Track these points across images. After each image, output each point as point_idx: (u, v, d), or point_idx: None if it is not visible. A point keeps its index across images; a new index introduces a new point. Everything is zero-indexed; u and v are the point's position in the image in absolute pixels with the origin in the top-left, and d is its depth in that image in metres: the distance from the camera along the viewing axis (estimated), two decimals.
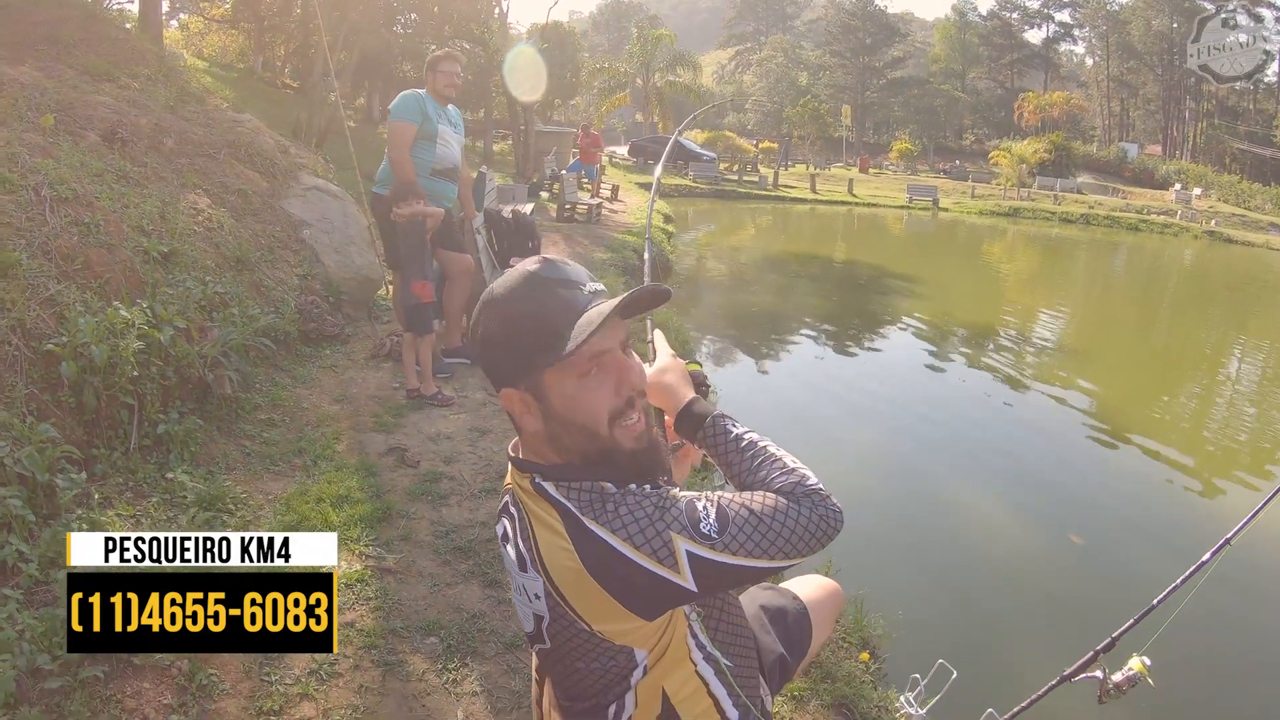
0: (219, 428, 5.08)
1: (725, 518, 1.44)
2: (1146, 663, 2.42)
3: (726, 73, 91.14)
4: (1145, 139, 68.65)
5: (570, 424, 1.52)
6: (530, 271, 1.53)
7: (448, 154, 6.46)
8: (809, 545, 1.47)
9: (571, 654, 1.56)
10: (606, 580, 1.43)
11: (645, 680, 1.58)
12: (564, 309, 1.49)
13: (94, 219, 5.22)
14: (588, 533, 1.44)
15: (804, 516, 1.47)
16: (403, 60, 29.05)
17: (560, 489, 1.50)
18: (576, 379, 1.50)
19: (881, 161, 60.87)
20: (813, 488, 1.51)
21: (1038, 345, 14.33)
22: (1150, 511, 7.34)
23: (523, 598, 1.62)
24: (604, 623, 1.49)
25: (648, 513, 1.44)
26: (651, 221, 2.43)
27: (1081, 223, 40.43)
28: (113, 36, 9.20)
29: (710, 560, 1.41)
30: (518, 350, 1.50)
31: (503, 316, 1.51)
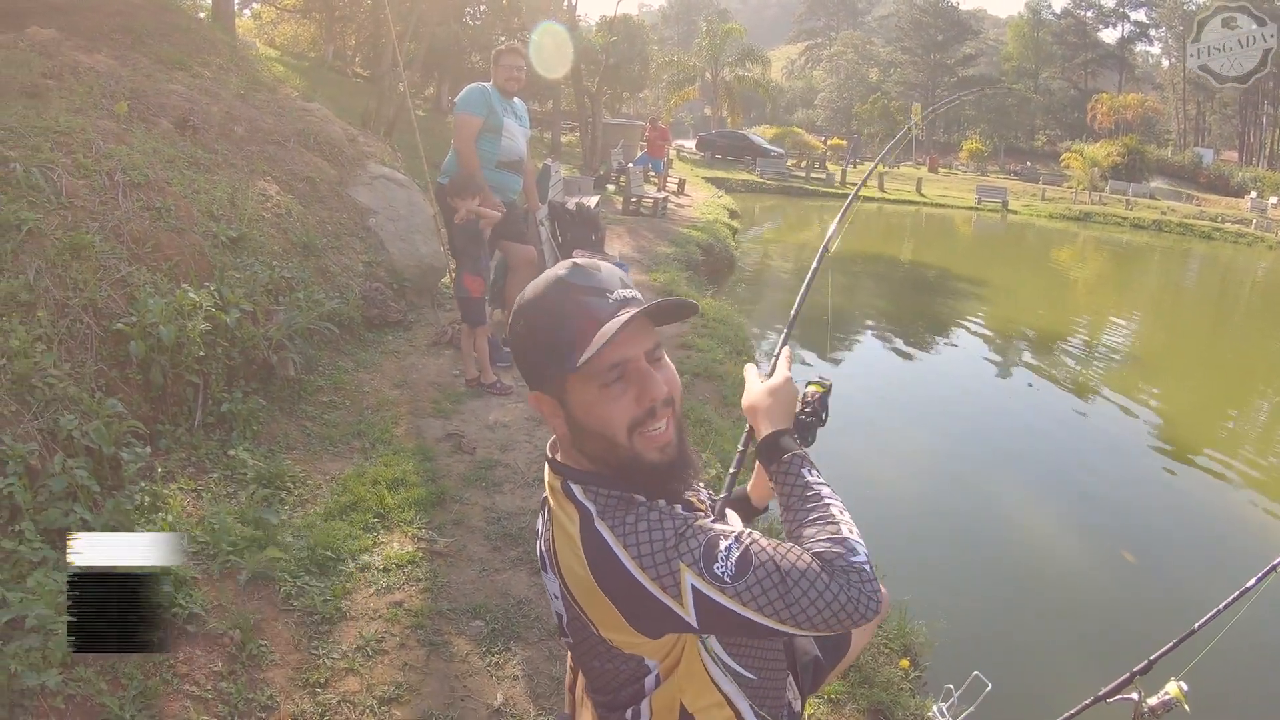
0: (281, 408, 5.21)
1: (747, 564, 1.39)
2: (1184, 688, 2.36)
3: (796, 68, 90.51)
4: (1221, 144, 66.80)
5: (590, 432, 1.50)
6: (558, 276, 1.51)
7: (512, 146, 6.52)
8: (828, 622, 1.38)
9: (589, 652, 1.58)
10: (611, 591, 1.43)
11: (660, 691, 1.58)
12: (584, 317, 1.46)
13: (165, 204, 5.37)
14: (597, 538, 1.44)
15: (831, 592, 1.37)
16: (472, 51, 29.29)
17: (587, 493, 1.50)
18: (598, 388, 1.48)
19: (951, 161, 60.08)
20: (855, 564, 1.41)
21: (1104, 354, 14.06)
22: (1207, 532, 7.16)
23: (548, 595, 1.65)
24: (611, 631, 1.49)
25: (664, 535, 1.42)
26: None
27: (1153, 229, 39.48)
28: (186, 26, 9.41)
29: (716, 602, 1.38)
30: (540, 356, 1.50)
31: (527, 321, 1.51)
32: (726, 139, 46.97)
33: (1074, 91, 73.47)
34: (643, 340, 1.50)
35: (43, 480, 3.38)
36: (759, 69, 50.99)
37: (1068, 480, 7.91)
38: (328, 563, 3.72)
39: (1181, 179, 55.57)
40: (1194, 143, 65.86)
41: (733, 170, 40.81)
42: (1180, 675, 2.40)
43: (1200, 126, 69.24)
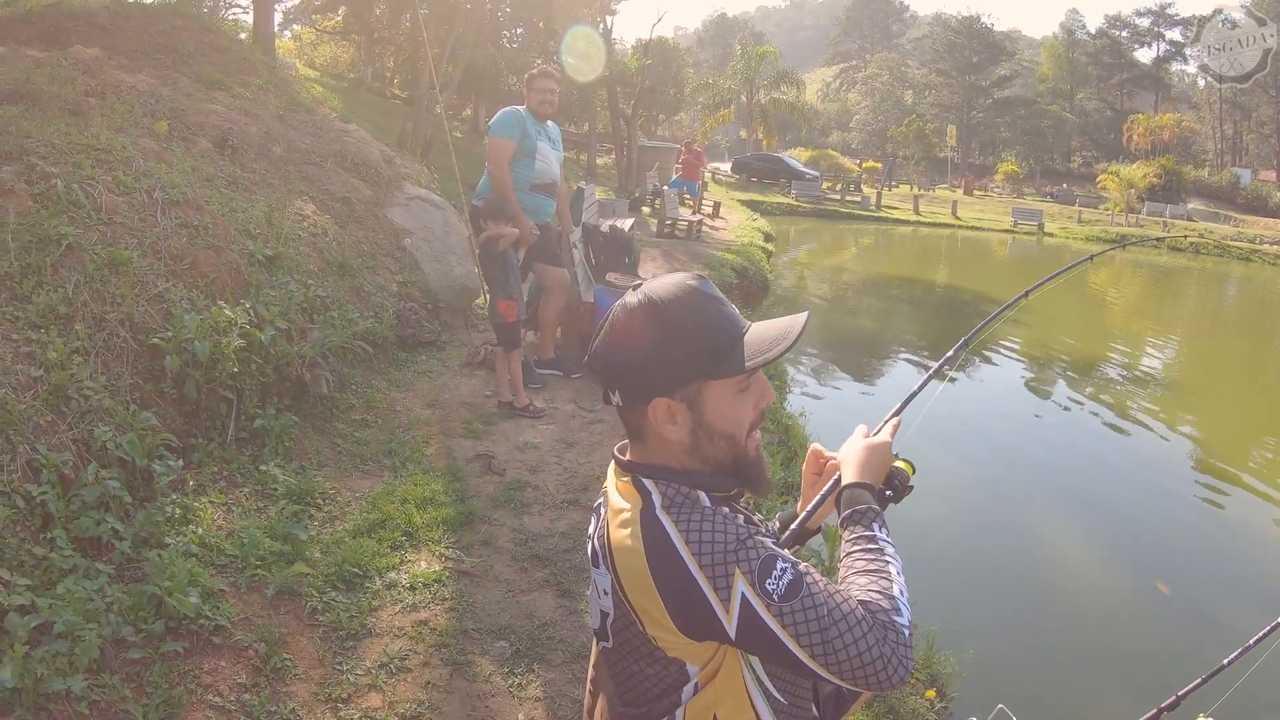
0: (313, 425, 5.25)
1: (798, 590, 1.40)
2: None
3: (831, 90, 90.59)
4: (1259, 164, 65.95)
5: (718, 433, 1.54)
6: (693, 285, 1.55)
7: (546, 169, 6.57)
8: (854, 673, 1.38)
9: (630, 654, 1.58)
10: (663, 582, 1.43)
11: (696, 700, 1.57)
12: (733, 324, 1.53)
13: (203, 221, 5.46)
14: (658, 525, 1.45)
15: (867, 642, 1.38)
16: (509, 73, 29.54)
17: (657, 485, 1.52)
18: (735, 393, 1.53)
19: (987, 184, 59.78)
20: (898, 624, 1.42)
21: (1141, 379, 13.89)
22: (1245, 564, 7.01)
23: (595, 593, 1.65)
24: (656, 629, 1.49)
25: (725, 539, 1.43)
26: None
27: (1191, 251, 39.08)
28: (226, 47, 9.57)
29: (759, 616, 1.39)
30: (686, 360, 1.51)
31: (670, 326, 1.51)
32: (761, 162, 47.10)
33: (1110, 112, 72.99)
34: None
35: (75, 490, 3.43)
36: (794, 92, 51.01)
37: (1103, 508, 7.78)
38: (354, 579, 3.74)
39: (1219, 200, 55.01)
40: (1231, 163, 65.19)
41: (768, 193, 40.96)
42: (1209, 712, 2.35)
43: (1238, 146, 68.54)
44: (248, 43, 11.57)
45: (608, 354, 1.58)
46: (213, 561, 3.56)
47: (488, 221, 6.01)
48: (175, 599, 3.06)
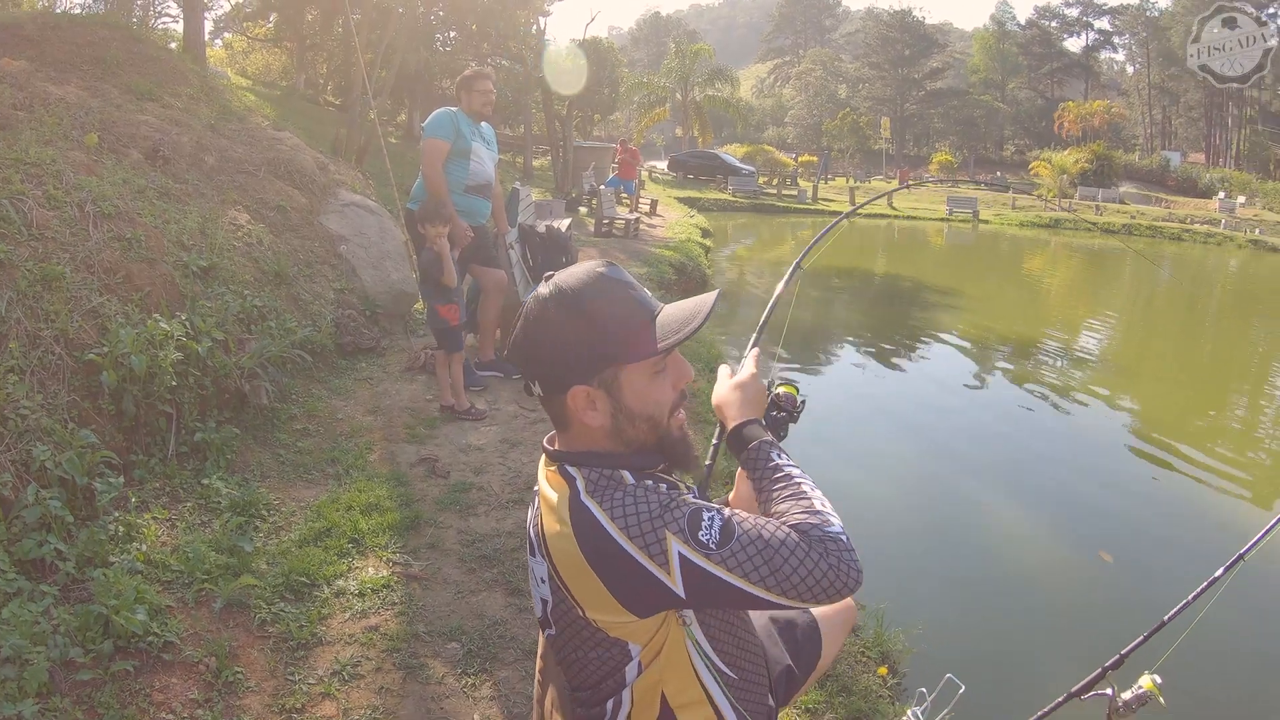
0: (254, 437, 5.21)
1: (730, 533, 1.43)
2: (1157, 681, 2.37)
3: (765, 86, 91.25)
4: (1188, 147, 67.89)
5: (638, 416, 1.58)
6: (602, 272, 1.59)
7: (481, 170, 6.57)
8: (811, 591, 1.41)
9: (573, 640, 1.61)
10: (599, 566, 1.46)
11: (642, 680, 1.60)
12: (644, 308, 1.58)
13: (136, 234, 5.38)
14: (585, 511, 1.48)
15: (812, 559, 1.41)
16: (442, 77, 29.35)
17: (580, 471, 1.56)
18: (650, 375, 1.57)
19: (921, 174, 60.54)
20: (832, 534, 1.45)
21: (1079, 358, 14.18)
22: (1186, 528, 7.22)
23: (534, 581, 1.69)
24: (597, 612, 1.52)
25: (650, 507, 1.46)
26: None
27: (1123, 233, 39.93)
28: (156, 57, 9.40)
29: (702, 569, 1.41)
30: (598, 346, 1.55)
31: (581, 314, 1.54)
32: (698, 159, 47.37)
33: (1040, 101, 74.51)
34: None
35: (16, 511, 3.38)
36: (728, 88, 51.28)
37: (1044, 483, 7.98)
38: (303, 589, 3.73)
39: (1150, 183, 56.37)
40: (1161, 146, 66.99)
41: (705, 189, 41.15)
42: (1153, 668, 2.41)
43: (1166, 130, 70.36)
44: (178, 52, 11.39)
45: (524, 346, 1.61)
46: (158, 578, 3.52)
47: (424, 225, 5.98)
48: (123, 617, 3.03)
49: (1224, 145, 66.56)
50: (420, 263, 6.23)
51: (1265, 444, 10.38)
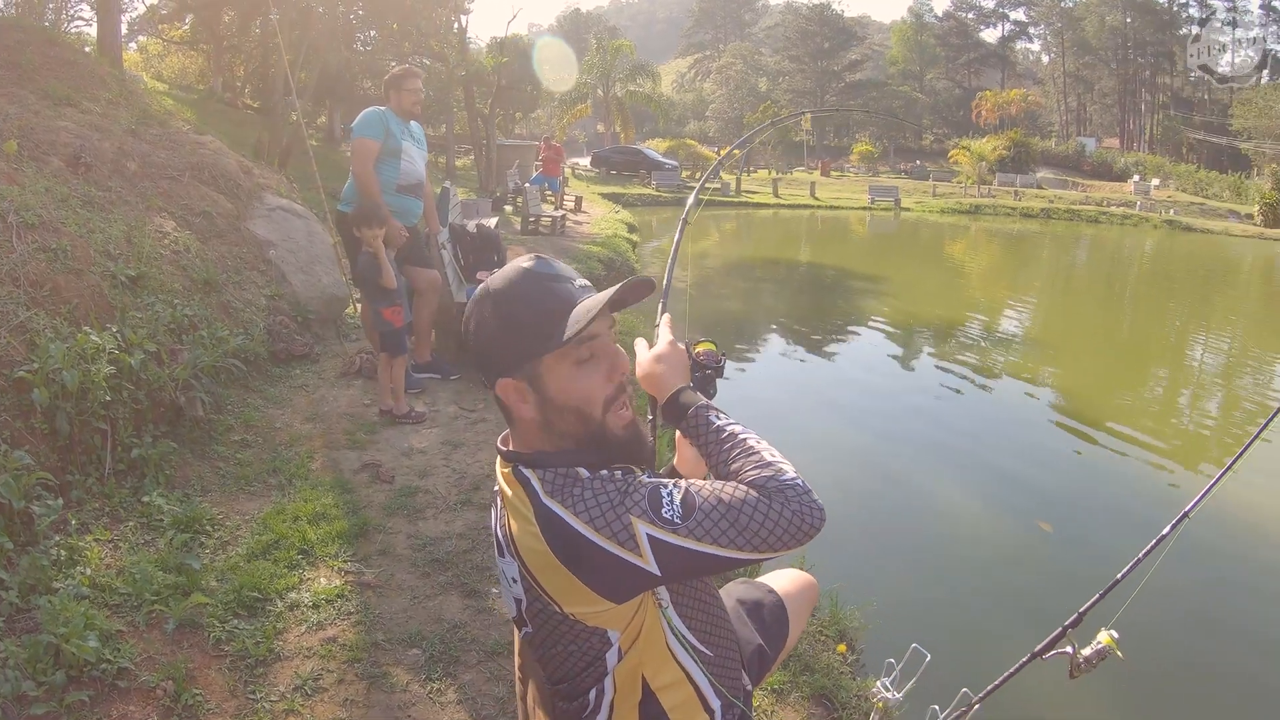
0: (192, 450, 5.08)
1: (691, 504, 1.46)
2: (1114, 636, 2.45)
3: (686, 81, 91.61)
4: (1102, 132, 69.98)
5: (565, 409, 1.58)
6: (525, 267, 1.60)
7: (412, 170, 6.50)
8: (781, 540, 1.44)
9: (550, 636, 1.60)
10: (571, 562, 1.46)
11: (622, 665, 1.61)
12: (559, 300, 1.56)
13: (61, 244, 5.21)
14: (549, 512, 1.48)
15: (775, 510, 1.44)
16: (363, 77, 28.96)
17: (535, 473, 1.55)
18: (573, 365, 1.57)
19: (843, 164, 61.35)
20: (788, 482, 1.49)
21: (1004, 339, 14.50)
22: (1118, 496, 7.49)
23: (504, 582, 1.68)
24: (574, 605, 1.52)
25: (610, 496, 1.47)
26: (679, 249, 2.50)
27: (1042, 217, 41.00)
28: (73, 60, 9.14)
29: (673, 544, 1.43)
30: (516, 340, 1.56)
31: (500, 308, 1.57)
32: (621, 154, 47.36)
33: (959, 90, 76.04)
34: (606, 320, 1.61)
35: None
36: (650, 84, 51.46)
37: (979, 461, 8.17)
38: (255, 604, 3.64)
39: (1066, 168, 57.98)
40: (1076, 133, 68.97)
41: (628, 185, 41.22)
42: (1110, 625, 2.48)
43: (1082, 117, 72.40)
44: (94, 56, 11.07)
45: (467, 343, 1.65)
46: (106, 602, 3.41)
47: (359, 228, 5.89)
48: (73, 645, 2.91)
49: (1138, 130, 68.71)
50: (358, 266, 6.11)
51: (1185, 414, 10.79)
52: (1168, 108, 66.94)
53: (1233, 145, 56.33)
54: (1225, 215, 43.63)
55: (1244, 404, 11.22)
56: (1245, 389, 12.15)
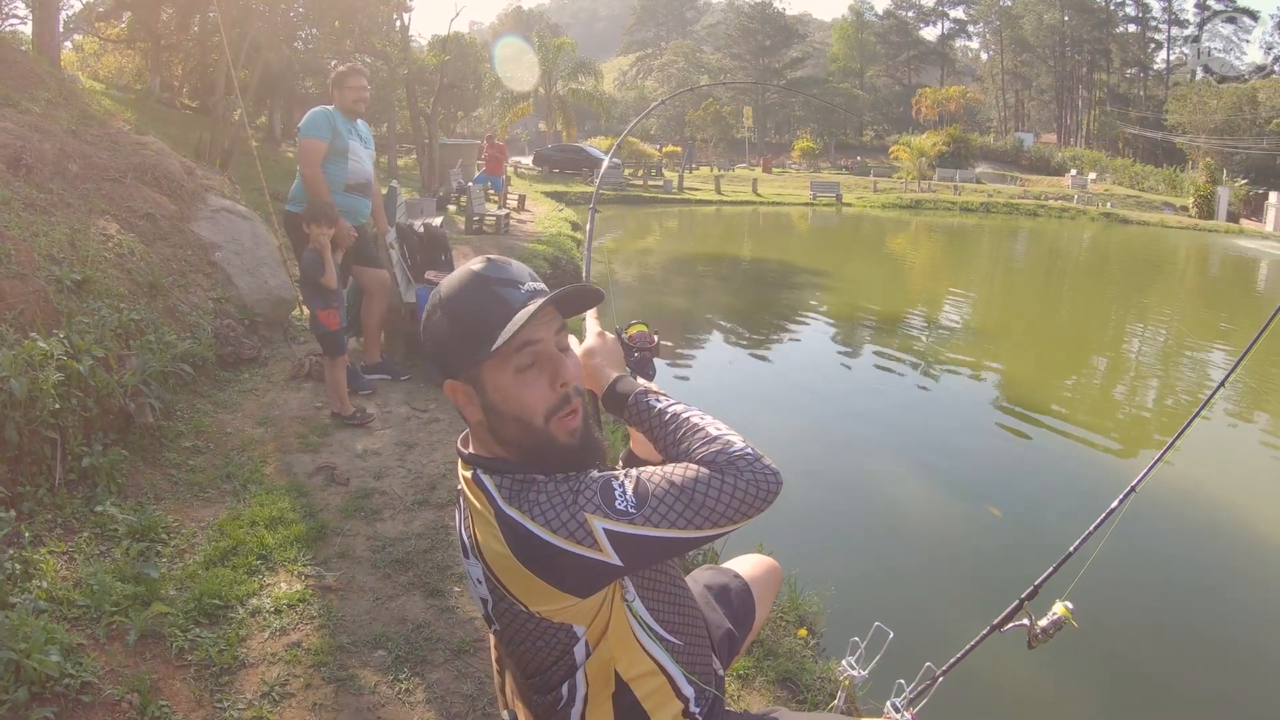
0: (144, 458, 5.00)
1: (645, 492, 1.47)
2: (1069, 606, 2.52)
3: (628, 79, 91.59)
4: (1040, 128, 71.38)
5: (505, 416, 1.56)
6: (474, 270, 1.59)
7: (359, 169, 6.46)
8: (740, 511, 1.48)
9: (518, 634, 1.61)
10: (533, 565, 1.47)
11: (593, 659, 1.63)
12: (500, 306, 1.54)
13: (3, 249, 5.11)
14: (508, 519, 1.49)
15: (728, 484, 1.47)
16: (304, 76, 28.61)
17: (493, 479, 1.55)
18: (513, 373, 1.54)
19: (785, 161, 61.75)
20: (736, 454, 1.52)
21: (947, 330, 14.75)
22: (1064, 479, 7.73)
23: (471, 582, 1.68)
24: (540, 604, 1.53)
25: (563, 497, 1.48)
26: (589, 233, 2.51)
27: (982, 211, 41.67)
28: (11, 60, 8.93)
29: (631, 535, 1.44)
30: (457, 344, 1.56)
31: (446, 311, 1.57)
32: (563, 153, 47.31)
33: (898, 87, 77.04)
34: (551, 326, 1.59)
35: None
36: (592, 82, 51.43)
37: (928, 450, 8.33)
38: (217, 611, 3.60)
39: (1005, 163, 59.07)
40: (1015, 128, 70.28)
41: (571, 183, 41.19)
42: (1064, 596, 2.56)
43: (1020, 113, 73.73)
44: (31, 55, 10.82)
45: (423, 343, 1.66)
46: (65, 615, 3.35)
47: (309, 225, 5.83)
48: (35, 660, 2.85)
49: (1075, 126, 70.18)
50: (301, 264, 6.03)
51: (1125, 399, 11.08)
52: (1104, 104, 68.42)
53: (1168, 140, 57.64)
54: (1161, 208, 44.77)
55: (1180, 387, 11.58)
56: (1181, 373, 12.54)
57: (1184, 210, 44.28)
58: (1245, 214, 43.67)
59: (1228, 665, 4.97)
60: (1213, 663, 4.97)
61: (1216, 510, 7.10)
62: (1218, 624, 5.40)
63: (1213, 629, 5.33)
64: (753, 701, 3.51)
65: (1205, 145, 52.65)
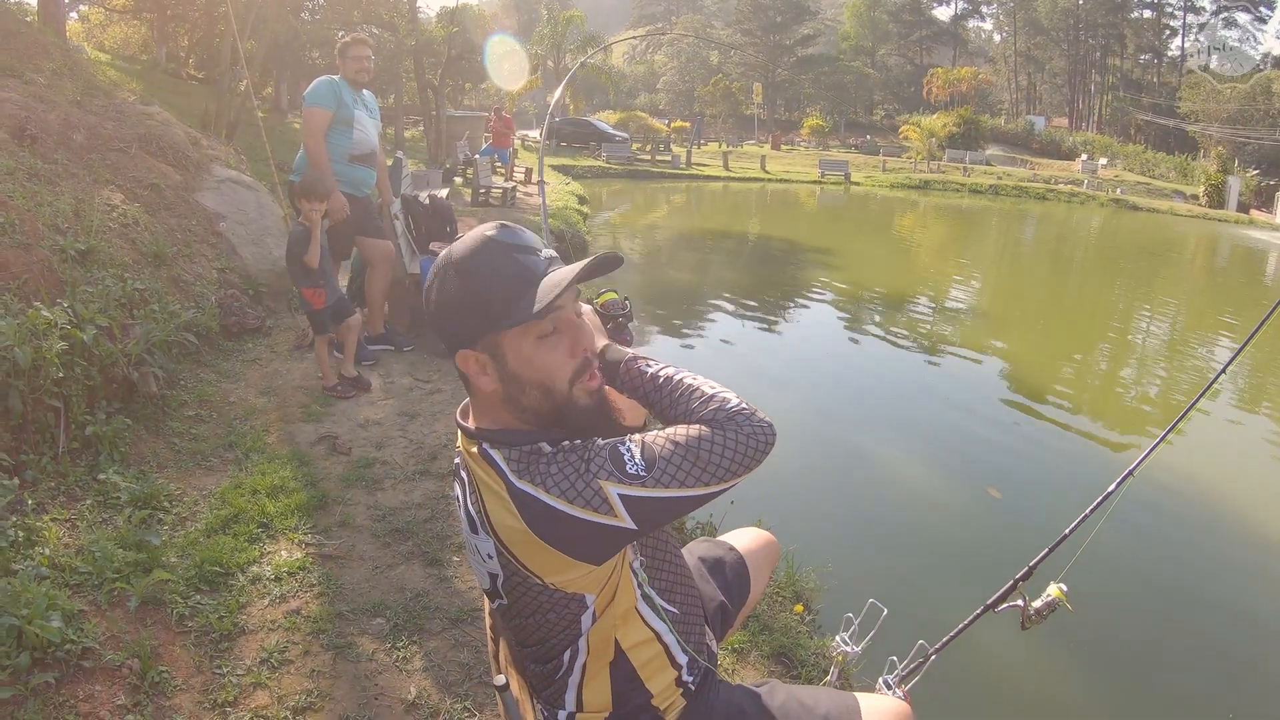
0: (147, 426, 5.03)
1: (652, 455, 1.48)
2: (1064, 589, 2.53)
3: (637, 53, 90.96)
4: (1052, 112, 70.96)
5: (527, 383, 1.56)
6: (489, 236, 1.57)
7: (365, 139, 6.45)
8: (742, 464, 1.50)
9: (527, 607, 1.62)
10: (549, 536, 1.48)
11: (596, 627, 1.64)
12: (524, 272, 1.53)
13: (8, 218, 5.13)
14: (521, 493, 1.49)
15: (730, 439, 1.49)
16: (311, 47, 28.51)
17: (500, 452, 1.55)
18: (535, 340, 1.54)
19: (793, 138, 61.47)
20: (734, 410, 1.54)
21: (952, 311, 14.71)
22: (1064, 463, 7.71)
23: (476, 558, 1.68)
24: (555, 575, 1.54)
25: (574, 466, 1.48)
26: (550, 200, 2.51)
27: (990, 193, 41.47)
28: (15, 30, 8.92)
29: (644, 497, 1.46)
30: (477, 311, 1.54)
31: (463, 277, 1.54)
32: (571, 126, 47.13)
33: (910, 67, 76.53)
34: (570, 293, 1.57)
35: None
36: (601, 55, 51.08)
37: (929, 430, 8.33)
38: (217, 578, 3.64)
39: (1015, 146, 58.70)
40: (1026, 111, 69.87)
41: (578, 157, 41.08)
42: (1059, 578, 2.57)
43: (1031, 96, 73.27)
44: (36, 25, 10.80)
45: (427, 312, 1.63)
46: (67, 582, 3.38)
47: (301, 200, 5.82)
48: (37, 626, 2.88)
49: (1087, 110, 69.74)
50: (290, 238, 5.98)
51: (1128, 385, 11.05)
52: (1117, 89, 68.00)
53: (1180, 127, 57.26)
54: (1171, 195, 44.56)
55: (1183, 376, 11.53)
56: (1185, 362, 12.50)
57: (1194, 199, 44.01)
58: (1255, 205, 43.44)
59: (1219, 651, 4.99)
60: (1205, 648, 5.00)
61: (1214, 497, 7.10)
62: (1211, 610, 5.43)
63: (1206, 615, 5.36)
64: (747, 675, 3.53)
65: (1217, 134, 52.33)
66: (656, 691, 1.75)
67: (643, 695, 1.74)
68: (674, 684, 1.77)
